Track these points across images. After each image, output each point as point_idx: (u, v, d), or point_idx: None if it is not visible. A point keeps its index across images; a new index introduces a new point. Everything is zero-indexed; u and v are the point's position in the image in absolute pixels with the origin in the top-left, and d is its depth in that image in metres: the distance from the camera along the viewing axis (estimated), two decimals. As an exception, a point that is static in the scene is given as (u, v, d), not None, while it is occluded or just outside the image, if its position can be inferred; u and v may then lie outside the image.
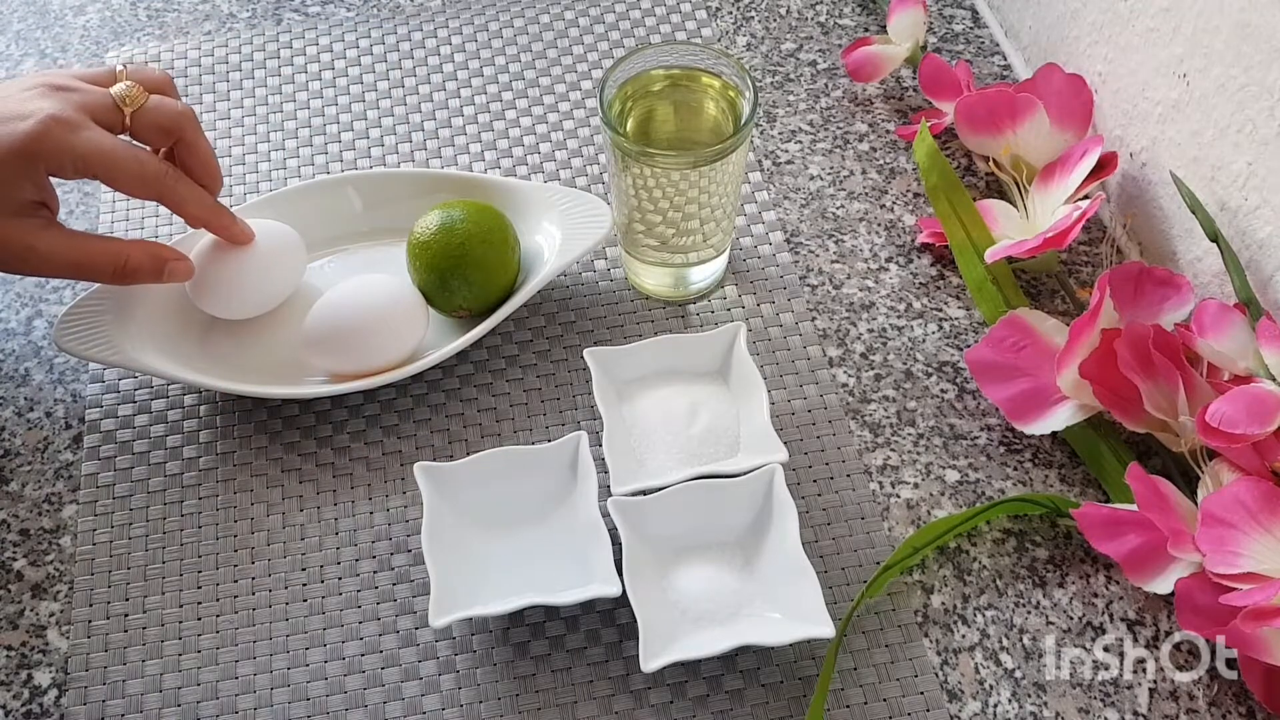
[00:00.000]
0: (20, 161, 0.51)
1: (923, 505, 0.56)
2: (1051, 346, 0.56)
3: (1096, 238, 0.66)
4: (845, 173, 0.69)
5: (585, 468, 0.53)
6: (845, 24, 0.77)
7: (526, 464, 0.54)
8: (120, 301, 0.58)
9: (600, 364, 0.57)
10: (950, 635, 0.52)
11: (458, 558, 0.51)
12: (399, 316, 0.57)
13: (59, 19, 0.78)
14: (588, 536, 0.52)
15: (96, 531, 0.56)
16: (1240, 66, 0.54)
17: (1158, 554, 0.50)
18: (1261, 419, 0.48)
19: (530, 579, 0.51)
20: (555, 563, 0.52)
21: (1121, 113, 0.64)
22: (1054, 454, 0.58)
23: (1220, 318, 0.52)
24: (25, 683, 0.51)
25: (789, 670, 0.51)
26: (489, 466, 0.54)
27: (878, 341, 0.62)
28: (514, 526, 0.54)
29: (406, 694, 0.51)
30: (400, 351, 0.57)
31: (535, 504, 0.54)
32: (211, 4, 0.79)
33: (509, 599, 0.50)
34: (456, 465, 0.54)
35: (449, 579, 0.50)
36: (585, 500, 0.52)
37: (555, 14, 0.78)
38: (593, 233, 0.60)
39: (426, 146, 0.71)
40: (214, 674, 0.51)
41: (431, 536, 0.51)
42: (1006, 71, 0.74)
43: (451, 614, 0.49)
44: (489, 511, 0.54)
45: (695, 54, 0.58)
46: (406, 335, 0.57)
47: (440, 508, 0.53)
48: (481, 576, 0.52)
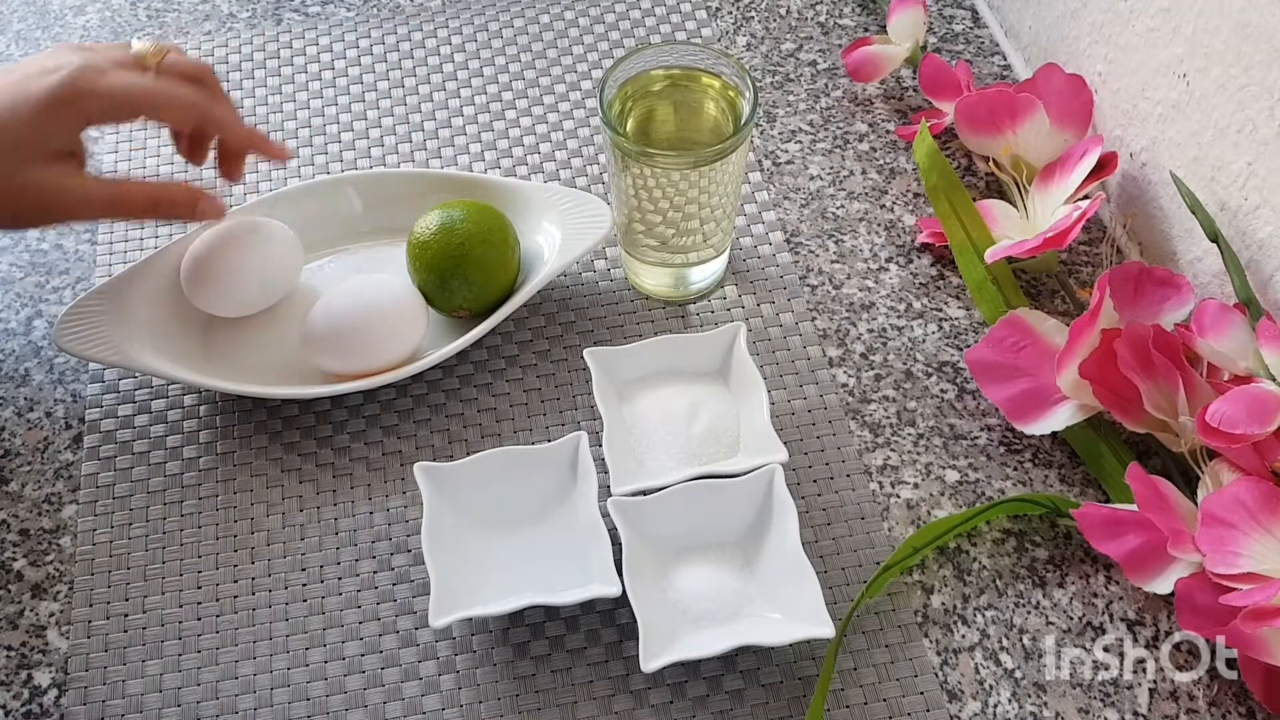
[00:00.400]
0: (55, 109, 0.51)
1: (923, 505, 0.56)
2: (1051, 346, 0.56)
3: (1096, 238, 0.66)
4: (845, 173, 0.69)
5: (585, 468, 0.53)
6: (845, 24, 0.77)
7: (526, 464, 0.54)
8: (120, 301, 0.58)
9: (600, 364, 0.57)
10: (950, 635, 0.52)
11: (458, 558, 0.52)
12: (399, 316, 0.57)
13: (59, 19, 0.78)
14: (587, 536, 0.52)
15: (96, 531, 0.56)
16: (1240, 66, 0.54)
17: (1158, 554, 0.50)
18: (1261, 419, 0.48)
19: (530, 579, 0.51)
20: (555, 563, 0.52)
21: (1121, 113, 0.64)
22: (1054, 454, 0.58)
23: (1220, 318, 0.52)
24: (25, 683, 0.51)
25: (789, 670, 0.51)
26: (489, 466, 0.54)
27: (878, 341, 0.62)
28: (514, 526, 0.54)
29: (406, 694, 0.51)
30: (400, 351, 0.57)
31: (535, 504, 0.54)
32: (211, 4, 0.79)
33: (509, 599, 0.50)
34: (456, 465, 0.54)
35: (449, 579, 0.50)
36: (585, 500, 0.52)
37: (555, 14, 0.78)
38: (593, 233, 0.60)
39: (426, 146, 0.71)
40: (214, 674, 0.51)
41: (431, 536, 0.51)
42: (1006, 71, 0.74)
43: (451, 614, 0.49)
44: (489, 511, 0.54)
45: (695, 54, 0.58)
46: (406, 335, 0.57)
47: (440, 508, 0.53)
48: (481, 576, 0.52)
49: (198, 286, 0.58)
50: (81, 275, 0.65)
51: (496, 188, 0.63)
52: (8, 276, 0.65)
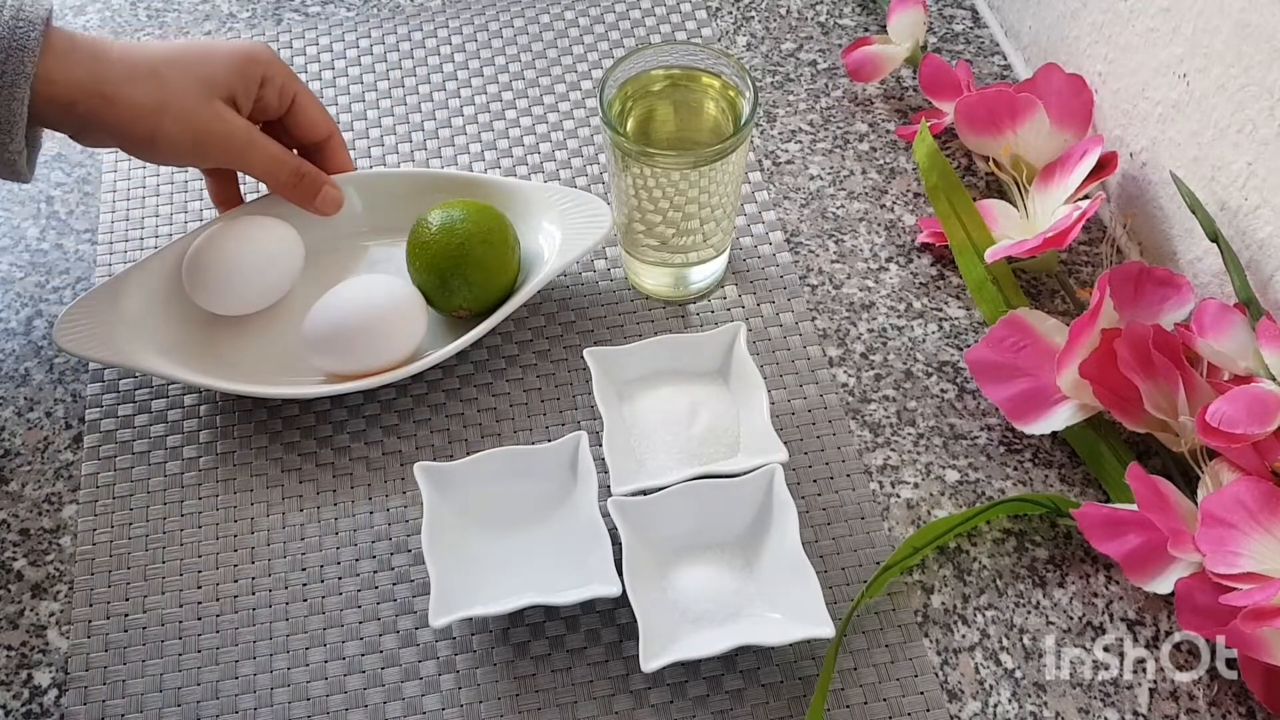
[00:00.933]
0: (243, 61, 0.57)
1: (923, 505, 0.56)
2: (1051, 346, 0.56)
3: (1096, 238, 0.66)
4: (845, 173, 0.69)
5: (585, 468, 0.53)
6: (845, 24, 0.77)
7: (526, 464, 0.54)
8: (120, 301, 0.58)
9: (600, 364, 0.57)
10: (950, 635, 0.52)
11: (458, 558, 0.52)
12: (399, 316, 0.57)
13: (59, 19, 0.78)
14: (588, 537, 0.52)
15: (96, 531, 0.56)
16: (1240, 66, 0.54)
17: (1158, 554, 0.50)
18: (1261, 419, 0.48)
19: (530, 579, 0.51)
20: (555, 563, 0.52)
21: (1121, 113, 0.64)
22: (1054, 454, 0.58)
23: (1220, 318, 0.52)
24: (25, 683, 0.51)
25: (789, 670, 0.51)
26: (489, 466, 0.54)
27: (878, 341, 0.62)
28: (514, 526, 0.54)
29: (407, 694, 0.51)
30: (400, 352, 0.57)
31: (535, 504, 0.54)
32: (211, 4, 0.79)
33: (509, 599, 0.50)
34: (456, 465, 0.54)
35: (449, 579, 0.50)
36: (585, 500, 0.52)
37: (555, 14, 0.78)
38: (593, 233, 0.60)
39: (426, 146, 0.71)
40: (215, 674, 0.51)
41: (431, 536, 0.51)
42: (1006, 71, 0.74)
43: (451, 614, 0.49)
44: (489, 511, 0.54)
45: (695, 54, 0.58)
46: (406, 335, 0.57)
47: (440, 508, 0.53)
48: (481, 577, 0.52)
49: (199, 283, 0.58)
50: (81, 275, 0.65)
51: (496, 188, 0.63)
52: (8, 276, 0.65)
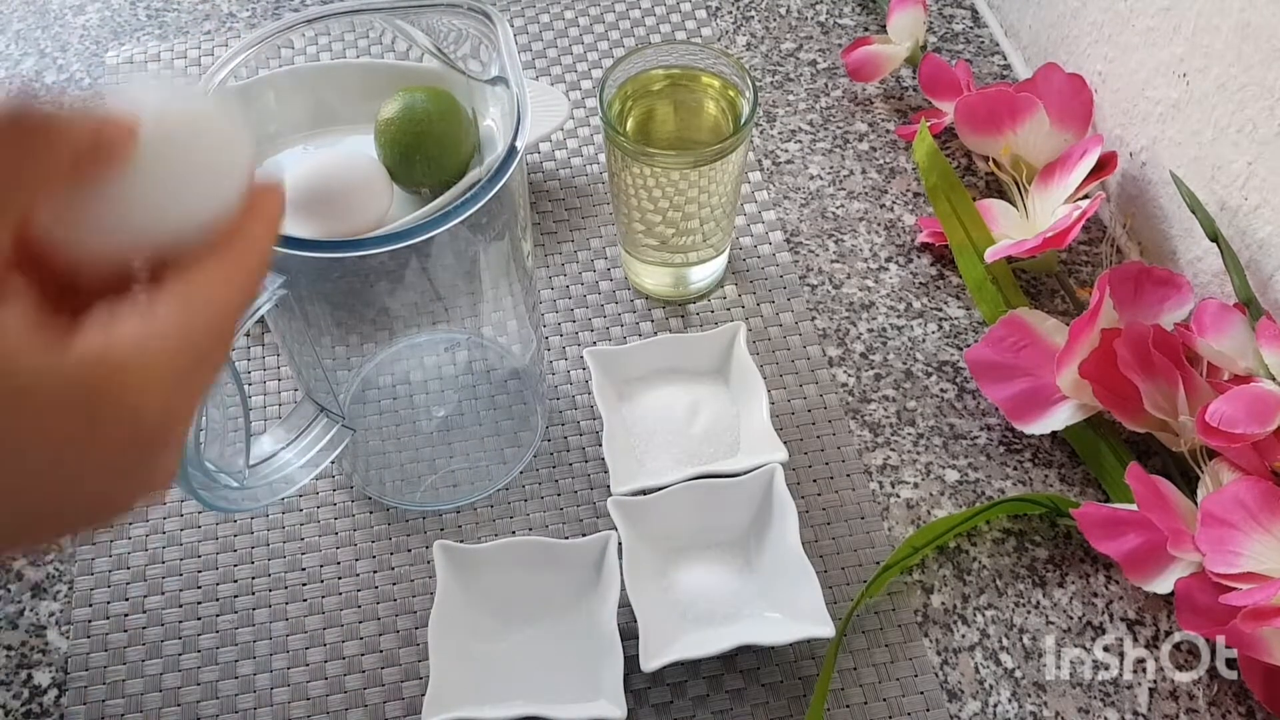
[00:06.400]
0: None
1: (923, 505, 0.56)
2: (1051, 346, 0.56)
3: (1096, 238, 0.66)
4: (845, 172, 0.69)
5: (609, 570, 0.50)
6: (845, 24, 0.77)
7: (551, 556, 0.52)
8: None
9: (600, 364, 0.57)
10: (950, 635, 0.52)
11: (462, 650, 0.49)
12: (364, 186, 0.57)
13: (59, 19, 0.78)
14: (601, 649, 0.49)
15: (95, 532, 0.56)
16: (1240, 66, 0.54)
17: (1158, 554, 0.50)
18: (1261, 419, 0.48)
19: (535, 683, 0.49)
20: (563, 669, 0.50)
21: (1121, 112, 0.64)
22: (1054, 454, 0.58)
23: (1220, 318, 0.52)
24: (25, 683, 0.51)
25: (789, 670, 0.51)
26: (513, 553, 0.51)
27: (877, 341, 0.62)
28: (527, 620, 0.51)
29: (406, 694, 0.51)
30: (368, 216, 0.56)
31: (553, 598, 0.51)
32: (211, 4, 0.79)
33: (507, 704, 0.47)
34: (479, 549, 0.51)
35: (450, 673, 0.48)
36: (605, 607, 0.49)
37: (555, 14, 0.78)
38: (549, 120, 0.63)
39: (426, 146, 0.71)
40: (214, 673, 0.51)
41: (440, 621, 0.49)
42: (1006, 71, 0.74)
43: (447, 713, 0.46)
44: (504, 600, 0.51)
45: (695, 54, 0.58)
46: (372, 204, 0.56)
47: (453, 588, 0.50)
48: (485, 673, 0.49)
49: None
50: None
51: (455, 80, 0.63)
52: (7, 276, 0.65)
